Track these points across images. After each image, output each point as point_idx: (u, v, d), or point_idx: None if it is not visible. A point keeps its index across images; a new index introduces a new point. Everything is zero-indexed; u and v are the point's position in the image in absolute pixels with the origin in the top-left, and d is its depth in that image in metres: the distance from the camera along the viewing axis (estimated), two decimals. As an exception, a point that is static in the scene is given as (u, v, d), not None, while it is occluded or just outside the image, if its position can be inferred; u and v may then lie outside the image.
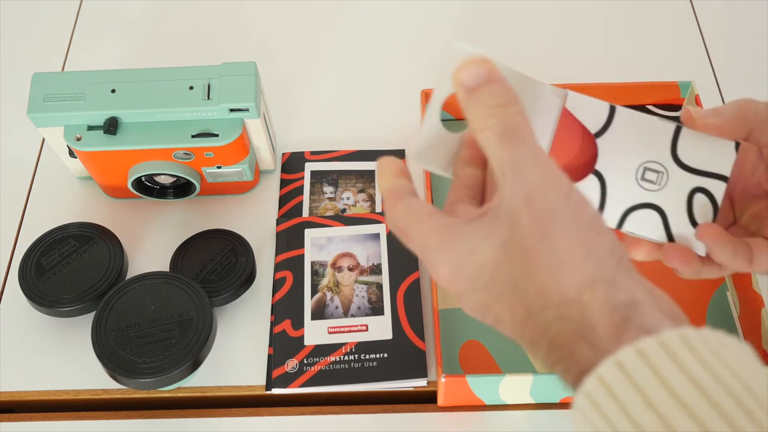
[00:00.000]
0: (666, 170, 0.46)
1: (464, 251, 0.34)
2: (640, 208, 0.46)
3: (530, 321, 0.32)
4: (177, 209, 0.71)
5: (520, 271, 0.32)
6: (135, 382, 0.55)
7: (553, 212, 0.32)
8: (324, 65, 0.82)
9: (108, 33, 0.85)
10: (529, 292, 0.32)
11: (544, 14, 0.85)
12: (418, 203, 0.38)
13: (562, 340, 0.31)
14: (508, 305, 0.33)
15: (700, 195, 0.46)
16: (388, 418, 0.59)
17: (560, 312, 0.31)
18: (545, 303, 0.32)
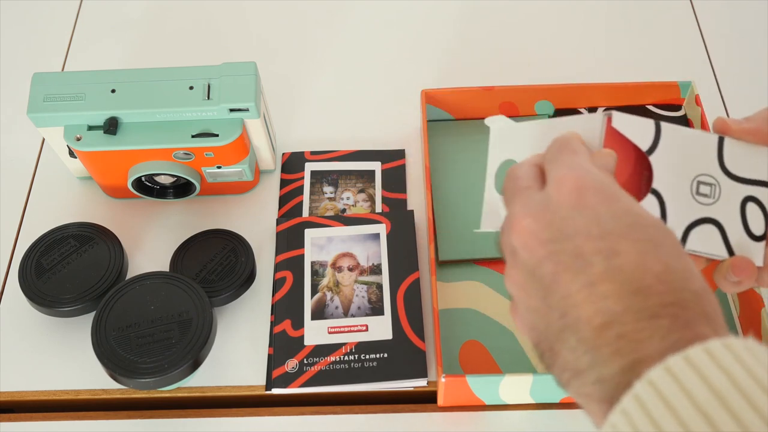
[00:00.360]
0: (717, 182, 0.45)
1: (624, 196, 0.37)
2: (699, 224, 0.45)
3: (663, 275, 0.33)
4: (177, 209, 0.71)
5: (673, 244, 0.35)
6: (135, 382, 0.55)
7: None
8: (324, 65, 0.82)
9: (108, 33, 0.85)
10: (677, 259, 0.34)
11: (544, 14, 0.85)
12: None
13: (690, 307, 0.32)
14: (641, 250, 0.34)
15: (752, 204, 0.46)
16: (388, 418, 0.59)
17: (700, 291, 0.33)
18: (688, 276, 0.33)
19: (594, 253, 0.34)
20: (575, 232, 0.35)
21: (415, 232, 0.67)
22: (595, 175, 0.37)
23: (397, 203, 0.70)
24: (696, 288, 0.33)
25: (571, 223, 0.35)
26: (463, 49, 0.82)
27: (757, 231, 0.46)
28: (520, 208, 0.38)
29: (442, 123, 0.75)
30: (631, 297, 0.33)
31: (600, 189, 0.36)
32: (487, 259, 0.66)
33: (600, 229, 0.35)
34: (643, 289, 0.33)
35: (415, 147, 0.74)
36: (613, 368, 0.32)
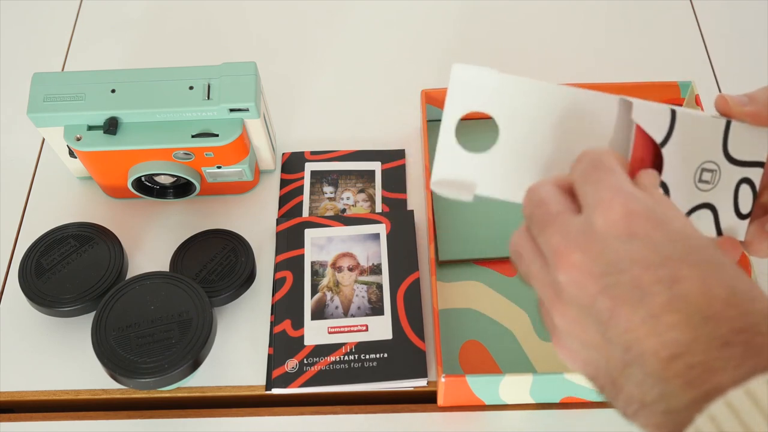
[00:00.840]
0: (719, 167, 0.45)
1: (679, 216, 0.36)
2: (695, 210, 0.45)
3: (732, 299, 0.32)
4: (177, 209, 0.71)
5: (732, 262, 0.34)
6: (135, 382, 0.55)
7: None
8: (324, 65, 0.82)
9: (108, 33, 0.85)
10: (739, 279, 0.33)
11: (544, 14, 0.85)
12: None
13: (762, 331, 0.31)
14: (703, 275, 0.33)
15: (744, 185, 0.46)
16: (388, 418, 0.59)
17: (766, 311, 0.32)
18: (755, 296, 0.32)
19: (654, 282, 0.32)
20: (631, 262, 0.33)
21: (415, 232, 0.67)
22: (641, 198, 0.35)
23: (397, 203, 0.70)
24: (763, 308, 0.32)
25: (625, 255, 0.33)
26: (463, 49, 0.82)
27: (744, 209, 0.46)
28: (560, 239, 0.35)
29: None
30: (700, 326, 0.31)
31: (650, 214, 0.34)
32: (487, 259, 0.66)
33: (658, 256, 0.33)
34: (712, 316, 0.31)
35: (415, 147, 0.74)
36: (684, 399, 0.31)
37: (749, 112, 0.43)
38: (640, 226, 0.34)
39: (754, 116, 0.43)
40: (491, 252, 0.66)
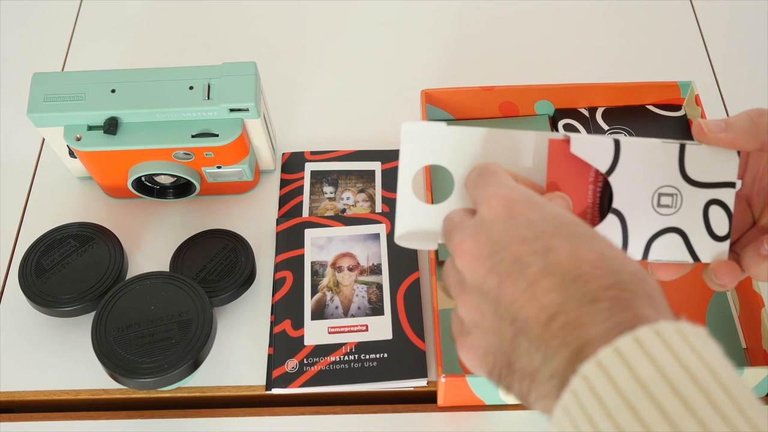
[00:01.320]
0: (679, 191, 0.46)
1: (547, 203, 0.38)
2: (661, 234, 0.46)
3: (600, 262, 0.34)
4: (177, 209, 0.71)
5: (605, 241, 0.36)
6: (135, 382, 0.55)
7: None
8: (324, 65, 0.82)
9: (108, 33, 0.85)
10: (611, 250, 0.35)
11: (544, 14, 0.85)
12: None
13: (630, 288, 0.33)
14: (574, 244, 0.35)
15: (715, 207, 0.46)
16: (388, 418, 0.59)
17: (639, 274, 0.34)
18: (626, 261, 0.35)
19: (530, 254, 0.35)
20: (510, 240, 0.36)
21: (415, 232, 0.66)
22: (521, 189, 0.39)
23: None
24: (634, 270, 0.34)
25: (505, 233, 0.36)
26: (463, 49, 0.82)
27: (720, 231, 0.46)
28: (458, 235, 0.39)
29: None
30: (570, 286, 0.33)
31: (528, 199, 0.38)
32: (487, 259, 0.66)
33: (533, 231, 0.36)
34: (581, 275, 0.33)
35: (415, 147, 0.74)
36: (562, 359, 0.32)
37: (725, 139, 0.44)
38: (519, 209, 0.37)
39: (730, 143, 0.44)
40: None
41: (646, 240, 0.46)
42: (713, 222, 0.46)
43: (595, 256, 0.34)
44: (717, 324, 0.62)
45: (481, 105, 0.73)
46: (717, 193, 0.46)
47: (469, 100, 0.73)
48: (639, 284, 0.33)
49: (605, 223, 0.45)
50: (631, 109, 0.74)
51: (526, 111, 0.75)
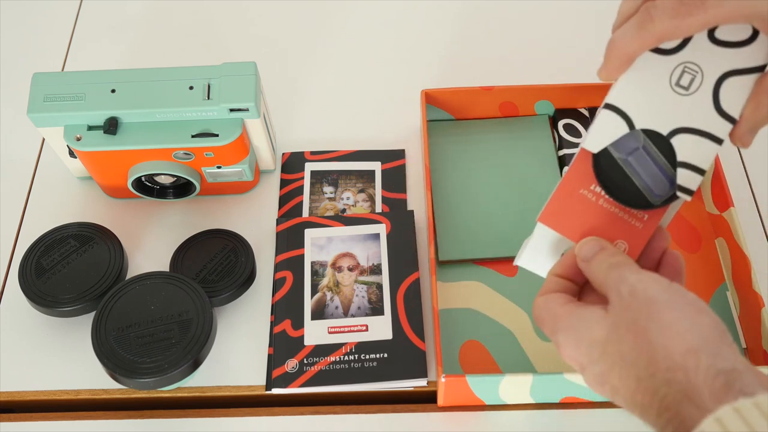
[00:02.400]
0: (700, 68, 0.44)
1: (582, 328, 0.41)
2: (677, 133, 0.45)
3: (640, 387, 0.37)
4: (177, 209, 0.71)
5: (630, 345, 0.38)
6: (135, 382, 0.55)
7: (656, 299, 0.39)
8: (324, 65, 0.82)
9: (108, 33, 0.85)
10: (639, 362, 0.37)
11: (544, 14, 0.85)
12: (554, 296, 0.45)
13: (669, 402, 0.35)
14: (619, 375, 0.38)
15: (732, 79, 0.44)
16: (388, 418, 0.59)
17: (667, 377, 0.36)
18: (654, 370, 0.36)
19: (612, 394, 0.39)
20: (595, 384, 0.41)
21: (415, 232, 0.67)
22: (561, 340, 0.42)
23: (397, 203, 0.70)
24: (663, 379, 0.36)
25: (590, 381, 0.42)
26: (463, 49, 0.82)
27: (744, 36, 0.43)
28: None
29: (442, 123, 0.75)
30: (646, 418, 0.37)
31: (571, 350, 0.42)
32: (487, 259, 0.66)
33: (596, 376, 0.40)
34: (644, 408, 0.37)
35: (415, 147, 0.74)
36: None
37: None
38: (578, 362, 0.42)
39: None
40: (491, 252, 0.66)
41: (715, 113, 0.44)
42: (730, 38, 0.43)
43: (635, 383, 0.37)
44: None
45: (481, 105, 0.73)
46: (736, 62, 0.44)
47: (469, 100, 0.73)
48: (673, 391, 0.35)
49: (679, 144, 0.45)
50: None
51: (526, 111, 0.75)
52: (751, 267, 0.60)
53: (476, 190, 0.70)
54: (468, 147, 0.73)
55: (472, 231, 0.67)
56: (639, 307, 0.39)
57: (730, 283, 0.64)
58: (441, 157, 0.72)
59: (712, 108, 0.44)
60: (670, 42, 0.44)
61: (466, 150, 0.73)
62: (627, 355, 0.38)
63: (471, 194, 0.70)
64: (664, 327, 0.37)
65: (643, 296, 0.39)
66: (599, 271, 0.43)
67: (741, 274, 0.62)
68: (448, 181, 0.71)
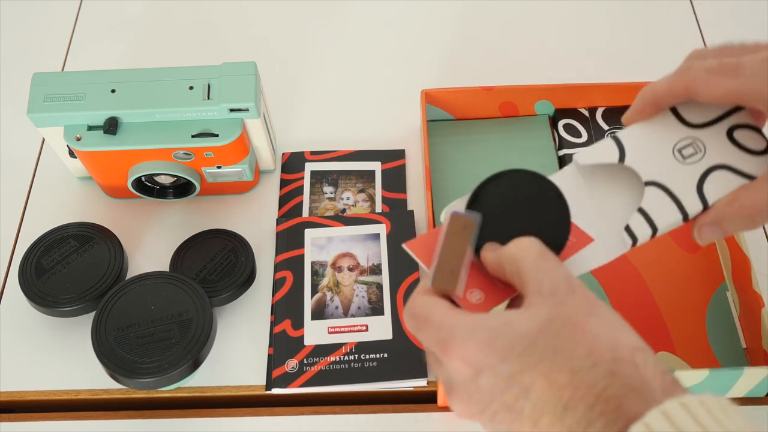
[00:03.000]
0: (694, 138, 0.47)
1: (499, 325, 0.37)
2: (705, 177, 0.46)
3: (574, 380, 0.35)
4: (177, 209, 0.71)
5: (567, 337, 0.36)
6: (135, 382, 0.55)
7: (595, 300, 0.38)
8: (324, 65, 0.82)
9: (108, 33, 0.85)
10: (576, 354, 0.35)
11: (544, 14, 0.85)
12: (443, 301, 0.41)
13: (610, 395, 0.34)
14: (544, 372, 0.35)
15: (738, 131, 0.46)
16: (388, 418, 0.59)
17: (612, 368, 0.35)
18: (596, 360, 0.35)
19: (515, 399, 0.36)
20: (491, 393, 0.37)
21: (415, 232, 0.67)
22: (459, 332, 0.38)
23: (397, 203, 0.70)
24: (606, 370, 0.35)
25: (482, 389, 0.37)
26: (463, 49, 0.82)
27: (758, 147, 0.46)
28: (448, 394, 0.40)
29: (442, 123, 0.75)
30: (564, 418, 0.35)
31: (476, 343, 0.37)
32: (487, 259, 0.66)
33: (503, 378, 0.36)
34: (567, 404, 0.35)
35: (415, 147, 0.74)
36: None
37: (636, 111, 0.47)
38: (477, 361, 0.37)
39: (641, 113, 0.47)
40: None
41: (695, 190, 0.46)
42: (745, 142, 0.46)
43: (567, 376, 0.35)
44: (717, 324, 0.62)
45: (482, 105, 0.73)
46: (730, 121, 0.47)
47: (469, 100, 0.73)
48: (616, 383, 0.34)
49: (649, 196, 0.45)
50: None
51: (526, 111, 0.75)
52: (751, 267, 0.60)
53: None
54: (468, 147, 0.73)
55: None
56: (577, 304, 0.37)
57: (730, 283, 0.64)
58: (441, 157, 0.72)
59: (694, 184, 0.46)
60: (695, 115, 0.47)
61: (466, 150, 0.73)
62: (562, 347, 0.36)
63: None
64: (607, 323, 0.36)
65: (585, 295, 0.38)
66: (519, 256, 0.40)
67: (741, 274, 0.62)
68: (448, 181, 0.71)
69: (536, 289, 0.38)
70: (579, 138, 0.72)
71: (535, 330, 0.36)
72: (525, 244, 0.40)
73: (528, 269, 0.39)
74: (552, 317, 0.37)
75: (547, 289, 0.38)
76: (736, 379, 0.55)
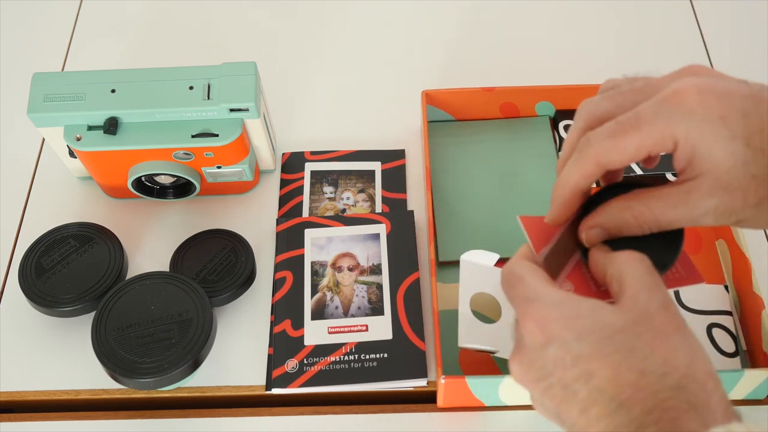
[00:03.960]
0: None
1: (586, 307, 0.38)
2: None
3: (641, 382, 0.35)
4: (177, 209, 0.71)
5: (647, 342, 0.36)
6: (135, 382, 0.55)
7: (684, 323, 0.38)
8: (324, 65, 0.82)
9: (108, 33, 0.85)
10: (652, 358, 0.36)
11: (544, 16, 0.85)
12: (539, 269, 0.42)
13: (671, 405, 0.34)
14: (612, 363, 0.36)
15: (717, 329, 0.58)
16: (388, 418, 0.59)
17: (682, 383, 0.35)
18: (668, 370, 0.35)
19: (574, 380, 0.37)
20: (554, 365, 0.37)
21: (415, 232, 0.67)
22: (549, 300, 0.39)
23: (397, 203, 0.70)
24: (675, 382, 0.35)
25: (547, 359, 0.38)
26: (464, 50, 0.82)
27: (728, 349, 0.57)
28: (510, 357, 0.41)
29: (442, 123, 0.75)
30: (616, 414, 0.35)
31: (558, 314, 0.38)
32: (487, 260, 0.66)
33: (571, 355, 0.37)
34: (624, 402, 0.35)
35: (415, 147, 0.74)
36: None
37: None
38: (553, 330, 0.38)
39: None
40: (491, 252, 0.66)
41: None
42: (719, 341, 0.57)
43: (635, 376, 0.35)
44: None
45: (482, 106, 0.73)
46: (716, 318, 0.56)
47: (469, 101, 0.73)
48: (681, 397, 0.34)
49: None
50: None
51: (526, 112, 0.75)
52: (751, 269, 0.60)
53: (476, 190, 0.70)
54: (468, 148, 0.73)
55: (472, 231, 0.67)
56: (666, 320, 0.38)
57: (730, 284, 0.64)
58: (441, 157, 0.72)
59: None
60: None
61: (467, 151, 0.73)
62: (640, 349, 0.36)
63: (471, 195, 0.70)
64: (690, 344, 0.37)
65: (674, 313, 0.38)
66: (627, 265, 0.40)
67: (741, 275, 0.62)
68: (448, 181, 0.71)
69: (632, 296, 0.39)
70: (579, 138, 0.72)
71: (620, 325, 0.37)
72: (636, 257, 0.41)
73: (631, 278, 0.39)
74: (639, 321, 0.37)
75: (643, 300, 0.38)
76: (736, 381, 0.55)
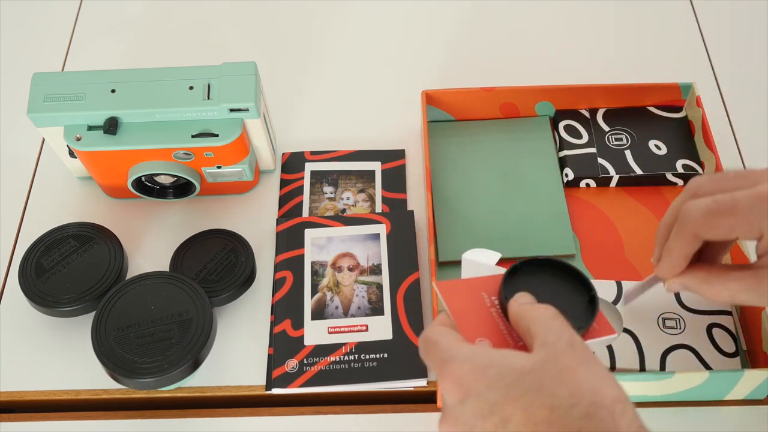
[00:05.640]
0: (680, 316, 0.59)
1: (496, 356, 0.40)
2: (673, 349, 0.57)
3: (552, 417, 0.36)
4: (177, 209, 0.71)
5: (554, 378, 0.38)
6: (135, 382, 0.55)
7: (592, 356, 0.40)
8: (324, 65, 0.82)
9: (108, 33, 0.85)
10: (560, 393, 0.37)
11: (545, 16, 0.85)
12: (453, 331, 0.43)
13: None
14: (524, 405, 0.37)
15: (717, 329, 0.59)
16: (387, 418, 0.59)
17: (590, 411, 0.36)
18: (575, 401, 0.36)
19: (494, 428, 0.37)
20: (474, 418, 0.38)
21: (415, 233, 0.67)
22: (462, 356, 0.40)
23: (397, 203, 0.70)
24: (583, 411, 0.36)
25: (468, 415, 0.38)
26: (464, 50, 0.82)
27: (728, 349, 0.58)
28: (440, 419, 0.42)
29: (442, 123, 0.75)
30: None
31: (471, 367, 0.39)
32: (487, 260, 0.66)
33: (488, 404, 0.38)
34: None
35: (415, 147, 0.74)
36: None
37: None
38: (468, 383, 0.39)
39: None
40: (491, 252, 0.66)
41: (659, 354, 0.57)
42: (719, 341, 0.58)
43: (546, 412, 0.36)
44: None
45: (482, 106, 0.73)
46: (715, 318, 0.58)
47: (469, 101, 0.73)
48: (590, 425, 0.35)
49: (622, 339, 0.57)
50: (631, 110, 0.74)
51: (526, 112, 0.75)
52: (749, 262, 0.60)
53: (476, 190, 0.70)
54: (468, 148, 0.73)
55: (472, 232, 0.67)
56: (573, 355, 0.39)
57: (730, 283, 0.64)
58: (441, 157, 0.72)
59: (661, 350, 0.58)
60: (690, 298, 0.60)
61: (467, 151, 0.73)
62: (548, 386, 0.37)
63: (471, 195, 0.70)
64: (597, 373, 0.38)
65: (581, 349, 0.40)
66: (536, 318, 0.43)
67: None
68: (448, 181, 0.71)
69: (540, 341, 0.40)
70: (580, 139, 0.72)
71: (528, 366, 0.38)
72: (543, 307, 0.43)
73: (539, 326, 0.41)
74: (546, 360, 0.39)
75: (550, 341, 0.40)
76: (736, 381, 0.55)
